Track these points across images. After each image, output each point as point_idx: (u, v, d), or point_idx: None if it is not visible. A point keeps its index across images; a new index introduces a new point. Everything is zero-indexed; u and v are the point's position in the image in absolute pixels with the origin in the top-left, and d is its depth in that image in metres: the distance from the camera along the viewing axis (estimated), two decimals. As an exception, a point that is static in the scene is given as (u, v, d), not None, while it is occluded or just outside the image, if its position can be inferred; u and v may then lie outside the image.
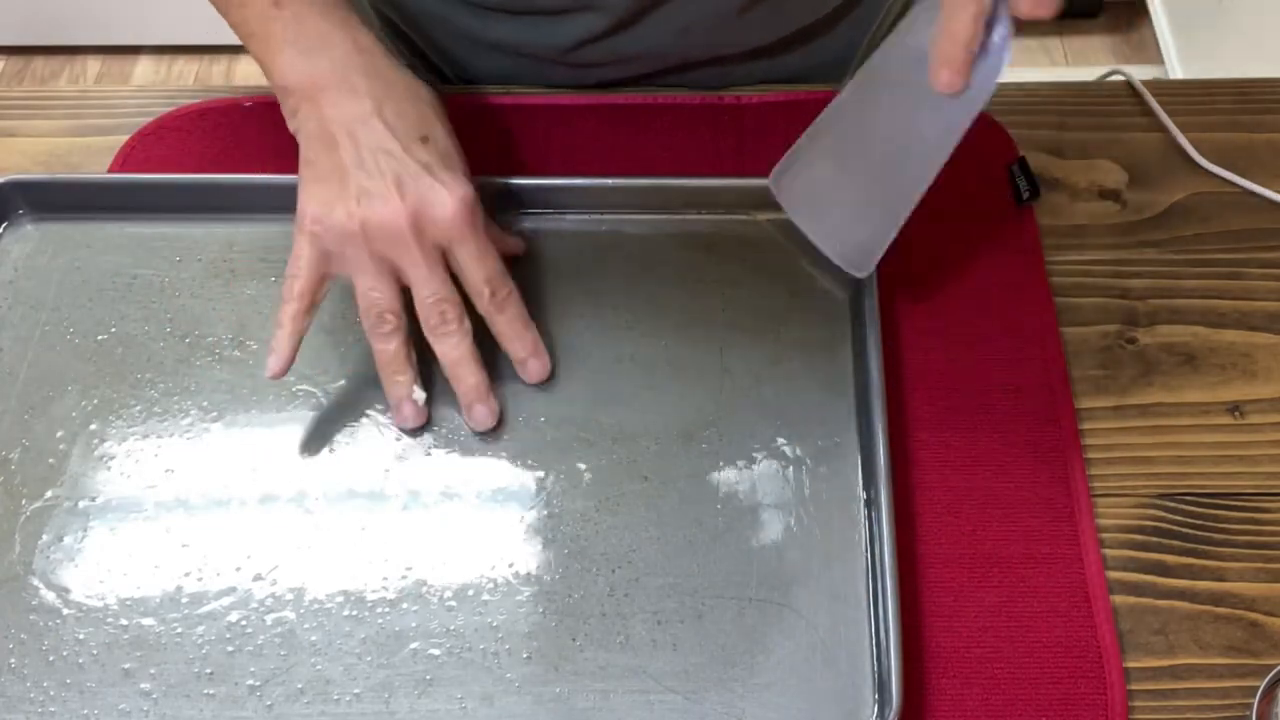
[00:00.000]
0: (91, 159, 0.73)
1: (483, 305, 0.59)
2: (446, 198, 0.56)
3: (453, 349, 0.58)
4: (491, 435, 0.60)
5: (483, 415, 0.59)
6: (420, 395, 0.59)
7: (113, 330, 0.64)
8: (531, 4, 0.70)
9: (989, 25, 0.51)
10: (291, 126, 0.60)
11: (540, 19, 0.71)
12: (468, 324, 0.59)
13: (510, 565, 0.56)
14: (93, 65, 2.00)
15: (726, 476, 0.59)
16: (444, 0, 0.70)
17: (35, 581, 0.56)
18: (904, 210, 0.58)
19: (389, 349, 0.58)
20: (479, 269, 0.58)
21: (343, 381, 0.62)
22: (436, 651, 0.54)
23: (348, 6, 0.61)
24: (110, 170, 0.72)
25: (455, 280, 0.59)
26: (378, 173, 0.56)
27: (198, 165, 0.72)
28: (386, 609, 0.55)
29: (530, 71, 0.71)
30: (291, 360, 0.58)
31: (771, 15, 0.73)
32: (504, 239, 0.64)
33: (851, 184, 0.60)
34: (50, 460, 0.59)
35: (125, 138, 0.73)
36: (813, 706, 0.53)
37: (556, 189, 0.67)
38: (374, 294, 0.58)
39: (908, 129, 0.57)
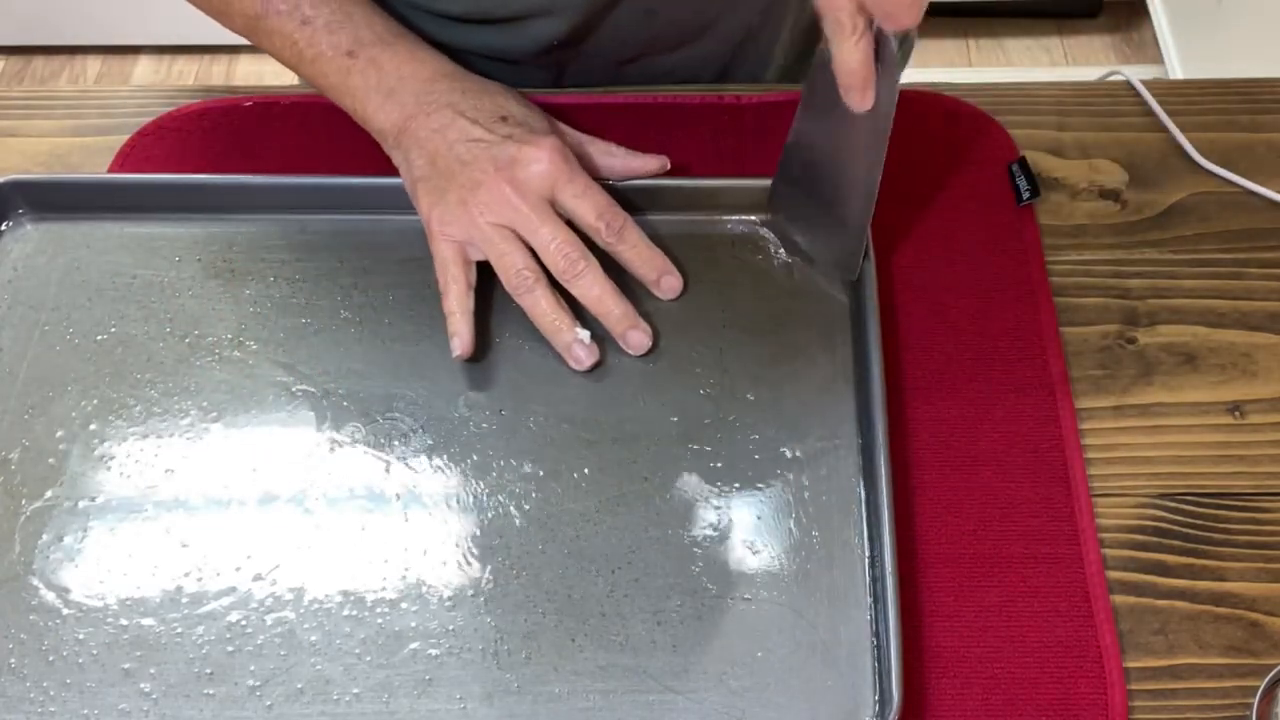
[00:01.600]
0: (91, 159, 0.73)
1: (601, 240, 0.62)
2: (532, 153, 0.61)
3: (590, 287, 0.61)
4: (491, 435, 0.60)
5: (638, 339, 0.62)
6: (585, 334, 0.61)
7: (112, 330, 0.64)
8: (486, 13, 0.71)
9: (878, 43, 0.54)
10: (396, 159, 0.64)
11: (501, 26, 0.72)
12: (594, 260, 0.61)
13: (510, 565, 0.56)
14: (93, 65, 2.00)
15: (726, 477, 0.59)
16: (410, 8, 0.71)
17: (35, 581, 0.56)
18: (864, 215, 0.61)
19: (538, 302, 0.61)
20: (586, 207, 0.61)
21: (343, 381, 0.62)
22: (436, 651, 0.54)
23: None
24: (110, 170, 0.72)
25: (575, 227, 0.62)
26: (473, 160, 0.61)
27: (198, 165, 0.72)
28: (386, 609, 0.55)
29: (508, 74, 0.71)
30: (473, 338, 0.61)
31: None
32: (631, 160, 0.66)
33: (818, 198, 0.64)
34: (50, 460, 0.59)
35: (125, 138, 0.73)
36: (813, 706, 0.53)
37: None
38: (505, 259, 0.61)
39: (846, 141, 0.60)
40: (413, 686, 0.53)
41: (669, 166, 0.67)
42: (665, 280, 0.64)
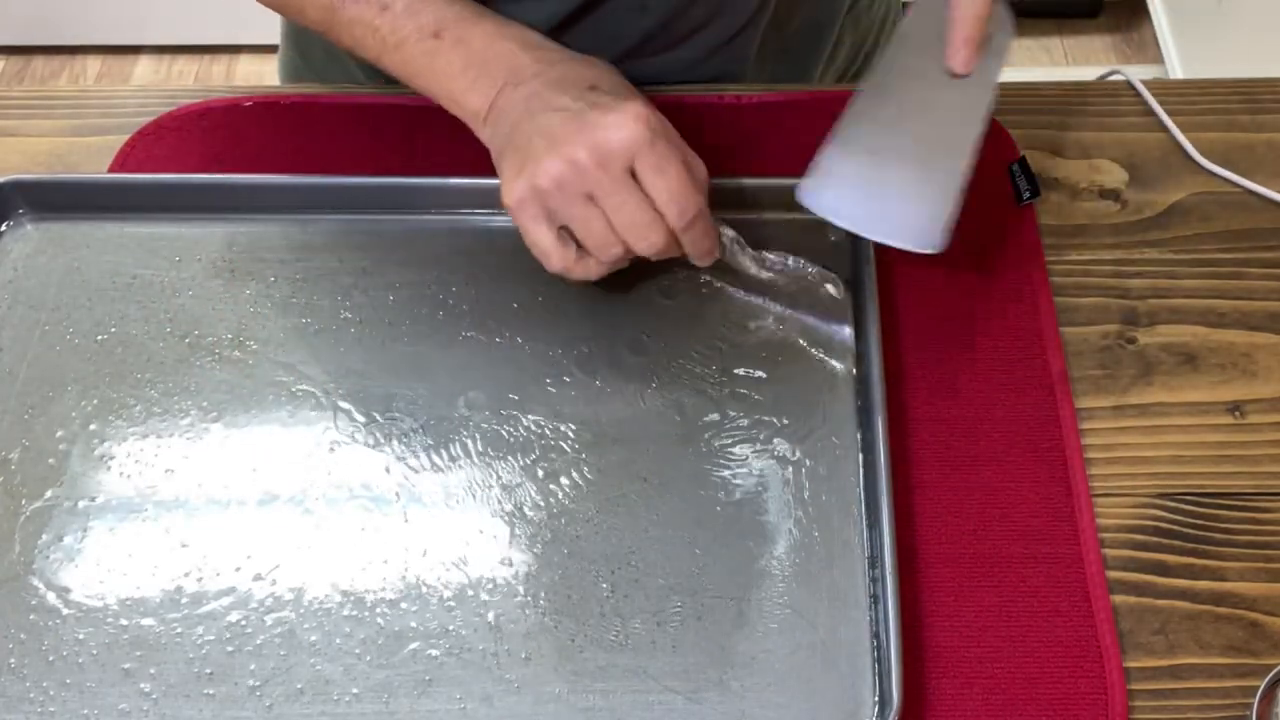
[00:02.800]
0: (91, 159, 0.73)
1: (669, 225, 0.59)
2: (617, 119, 0.57)
3: (662, 251, 0.59)
4: (491, 436, 0.60)
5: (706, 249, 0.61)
6: None
7: (112, 330, 0.64)
8: None
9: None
10: (484, 138, 0.62)
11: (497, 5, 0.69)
12: (660, 235, 0.58)
13: (510, 565, 0.56)
14: (93, 65, 2.00)
15: (726, 477, 0.59)
16: None
17: (35, 581, 0.56)
18: (956, 177, 0.59)
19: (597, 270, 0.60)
20: (660, 185, 0.57)
21: (343, 381, 0.62)
22: (436, 652, 0.54)
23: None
24: (110, 170, 0.72)
25: None
26: (555, 127, 0.58)
27: (198, 165, 0.72)
28: (386, 609, 0.55)
29: None
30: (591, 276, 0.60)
31: None
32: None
33: (897, 171, 0.61)
34: (50, 460, 0.59)
35: (125, 138, 0.73)
36: (813, 706, 0.53)
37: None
38: (588, 224, 0.58)
39: (937, 111, 0.59)
40: (413, 687, 0.53)
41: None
42: (704, 260, 0.62)
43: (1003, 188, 0.70)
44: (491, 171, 0.67)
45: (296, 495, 0.58)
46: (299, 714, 0.52)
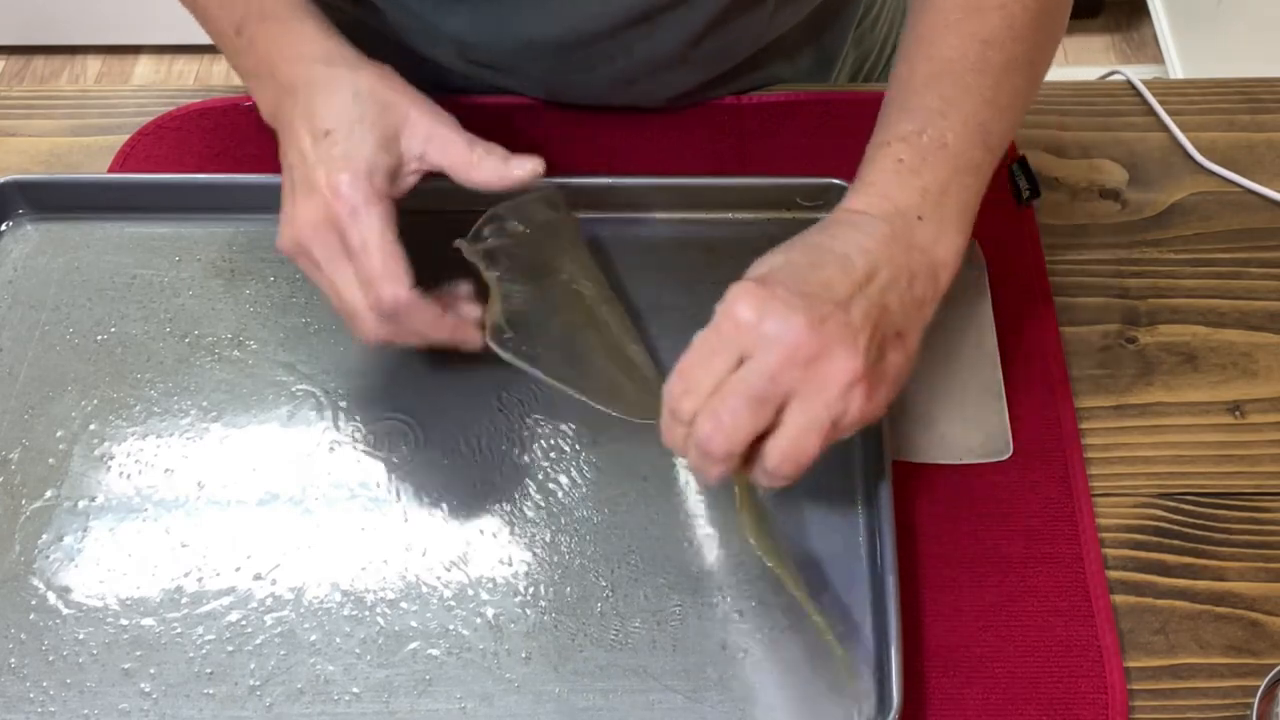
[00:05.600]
0: (91, 159, 0.73)
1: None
2: (309, 204, 0.54)
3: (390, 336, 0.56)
4: (491, 435, 0.60)
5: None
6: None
7: (112, 330, 0.64)
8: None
9: None
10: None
11: (495, 7, 0.67)
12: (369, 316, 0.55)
13: (510, 565, 0.56)
14: (93, 65, 2.00)
15: (726, 477, 0.59)
16: None
17: (35, 581, 0.56)
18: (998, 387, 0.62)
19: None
20: (357, 274, 0.55)
21: (343, 381, 0.62)
22: (436, 651, 0.54)
23: (299, 2, 0.59)
24: (110, 170, 0.72)
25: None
26: (291, 180, 0.55)
27: (198, 165, 0.72)
28: (386, 609, 0.55)
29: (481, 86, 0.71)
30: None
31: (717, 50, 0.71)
32: (503, 168, 0.57)
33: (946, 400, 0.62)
34: (50, 460, 0.59)
35: (125, 138, 0.73)
36: (813, 707, 0.53)
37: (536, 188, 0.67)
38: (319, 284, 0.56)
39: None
40: (413, 686, 0.53)
41: (541, 170, 0.58)
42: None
43: (1003, 187, 0.70)
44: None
45: (296, 495, 0.58)
46: (299, 714, 0.52)
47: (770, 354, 0.47)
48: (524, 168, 0.57)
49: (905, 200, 0.52)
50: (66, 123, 0.75)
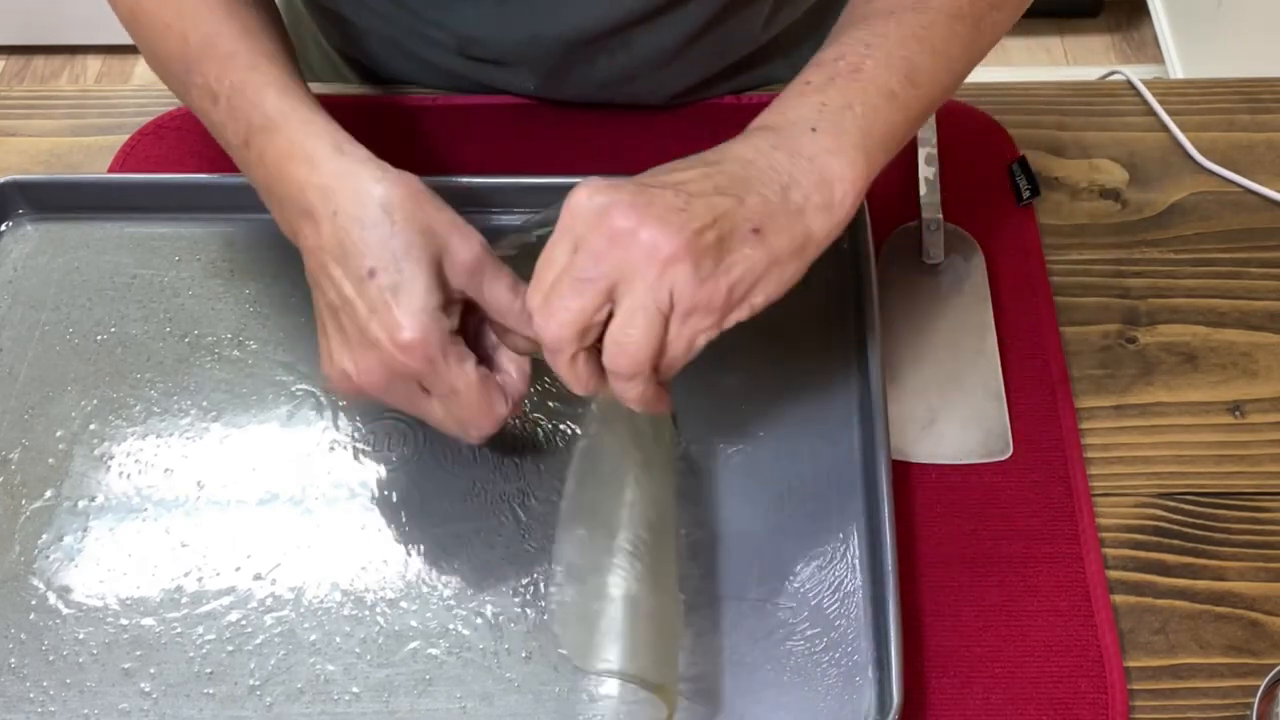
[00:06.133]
0: (91, 159, 0.73)
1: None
2: (390, 350, 0.50)
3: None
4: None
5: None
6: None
7: (112, 330, 0.64)
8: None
9: None
10: None
11: (503, 4, 0.66)
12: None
13: (510, 564, 0.56)
14: (93, 65, 2.00)
15: (725, 477, 0.59)
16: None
17: (35, 581, 0.56)
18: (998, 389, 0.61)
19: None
20: (450, 419, 0.53)
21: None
22: (436, 651, 0.54)
23: (299, 99, 0.55)
24: (110, 170, 0.72)
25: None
26: (344, 326, 0.51)
27: (198, 165, 0.72)
28: (386, 608, 0.55)
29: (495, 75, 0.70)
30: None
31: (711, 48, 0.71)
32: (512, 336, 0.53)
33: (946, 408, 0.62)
34: (50, 460, 0.59)
35: (125, 137, 0.73)
36: (813, 706, 0.53)
37: (539, 188, 0.67)
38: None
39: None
40: (413, 686, 0.53)
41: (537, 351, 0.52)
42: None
43: (1003, 187, 0.70)
44: (497, 172, 0.66)
45: (296, 495, 0.58)
46: (299, 713, 0.52)
47: (593, 234, 0.45)
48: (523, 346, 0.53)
49: (799, 113, 0.50)
50: (66, 123, 0.75)
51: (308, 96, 0.56)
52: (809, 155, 0.49)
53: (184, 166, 0.72)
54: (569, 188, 0.66)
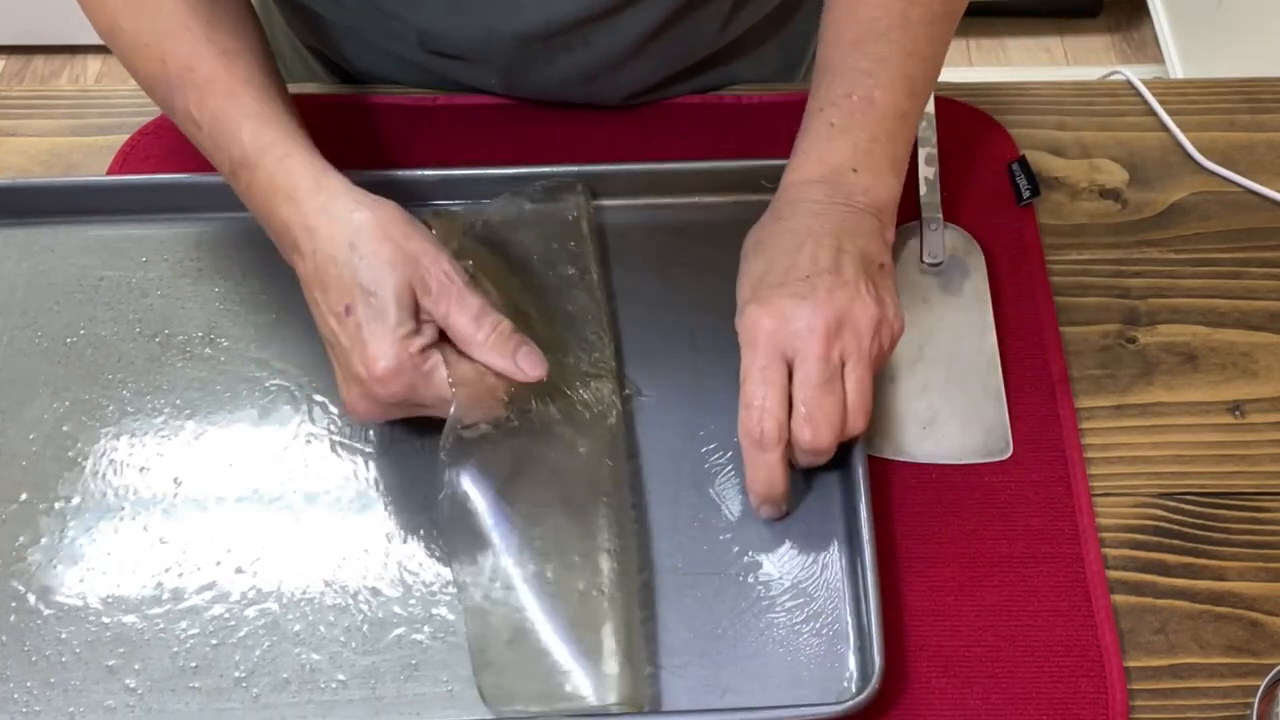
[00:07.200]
0: (91, 159, 0.72)
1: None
2: (370, 384, 0.53)
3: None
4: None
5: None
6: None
7: (81, 332, 0.63)
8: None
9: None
10: None
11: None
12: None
13: (490, 547, 0.55)
14: (93, 65, 1.99)
15: (704, 455, 0.58)
16: None
17: (14, 584, 0.55)
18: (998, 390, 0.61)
19: None
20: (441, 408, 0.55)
21: (316, 374, 0.61)
22: (421, 636, 0.54)
23: (282, 131, 0.57)
24: (110, 170, 0.71)
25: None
26: (334, 357, 0.55)
27: (198, 165, 0.70)
28: (369, 596, 0.55)
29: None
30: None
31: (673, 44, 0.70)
32: (502, 361, 0.55)
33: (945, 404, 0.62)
34: (23, 463, 0.59)
35: (125, 137, 0.72)
36: (796, 675, 0.52)
37: (522, 177, 0.66)
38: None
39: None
40: (399, 671, 0.53)
41: (544, 376, 0.55)
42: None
43: (1003, 187, 0.70)
44: (489, 165, 0.65)
45: (274, 489, 0.58)
46: (286, 703, 0.52)
47: (810, 343, 0.53)
48: (533, 372, 0.55)
49: (837, 159, 0.58)
50: (66, 123, 0.74)
51: (286, 121, 0.58)
52: (861, 192, 0.57)
53: (184, 166, 0.71)
54: (535, 177, 0.66)
